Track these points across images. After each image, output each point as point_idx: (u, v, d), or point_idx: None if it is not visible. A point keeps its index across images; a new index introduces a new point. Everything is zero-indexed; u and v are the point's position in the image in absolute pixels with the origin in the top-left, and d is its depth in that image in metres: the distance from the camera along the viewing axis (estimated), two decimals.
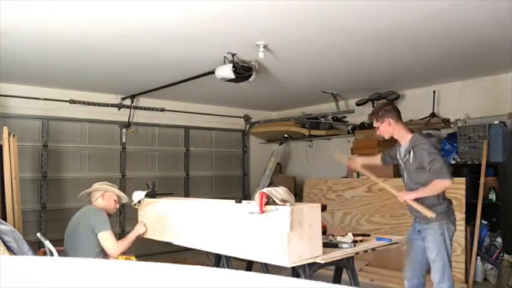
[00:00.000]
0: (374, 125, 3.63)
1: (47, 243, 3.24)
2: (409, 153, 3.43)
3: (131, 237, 3.72)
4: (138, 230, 3.82)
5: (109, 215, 3.69)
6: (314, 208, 2.77)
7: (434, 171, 3.26)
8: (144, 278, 0.92)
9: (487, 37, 4.12)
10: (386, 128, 3.50)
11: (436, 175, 3.25)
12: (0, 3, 3.11)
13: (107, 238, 3.49)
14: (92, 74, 5.46)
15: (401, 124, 3.53)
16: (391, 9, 3.38)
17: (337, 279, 3.74)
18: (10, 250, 2.85)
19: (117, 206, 3.84)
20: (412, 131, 3.54)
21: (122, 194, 3.86)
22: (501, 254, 5.02)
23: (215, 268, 1.47)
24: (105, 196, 3.74)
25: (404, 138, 3.49)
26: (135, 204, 3.98)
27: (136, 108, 6.95)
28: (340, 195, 6.39)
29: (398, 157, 3.62)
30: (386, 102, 3.83)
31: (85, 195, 3.82)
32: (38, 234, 3.34)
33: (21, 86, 5.90)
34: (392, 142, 3.73)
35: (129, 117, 6.87)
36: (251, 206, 2.85)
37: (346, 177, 6.66)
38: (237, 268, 1.34)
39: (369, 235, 3.80)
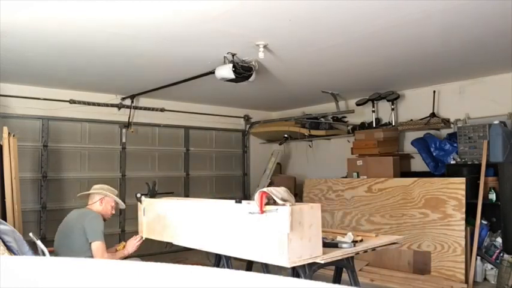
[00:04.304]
0: None
1: (39, 243, 3.24)
2: None
3: (119, 256, 3.66)
4: (128, 250, 3.72)
5: (104, 220, 3.67)
6: (314, 208, 2.76)
7: None
8: (144, 278, 0.92)
9: (487, 37, 4.12)
10: None
11: None
12: (0, 3, 3.11)
13: (97, 249, 3.42)
14: (92, 74, 5.46)
15: None
16: (391, 9, 3.38)
17: (337, 279, 3.74)
18: (10, 250, 2.85)
19: (113, 212, 3.80)
20: None
21: (120, 201, 3.83)
22: (501, 254, 5.02)
23: (215, 268, 1.47)
24: (103, 201, 3.70)
25: None
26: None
27: (136, 108, 6.95)
28: (340, 195, 6.39)
29: None
30: None
31: (83, 196, 3.79)
32: (30, 234, 3.33)
33: (21, 86, 5.90)
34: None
35: (129, 117, 6.87)
36: (251, 206, 2.85)
37: (346, 177, 6.66)
38: (237, 268, 1.34)
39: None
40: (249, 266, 3.86)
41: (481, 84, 5.84)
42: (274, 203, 2.71)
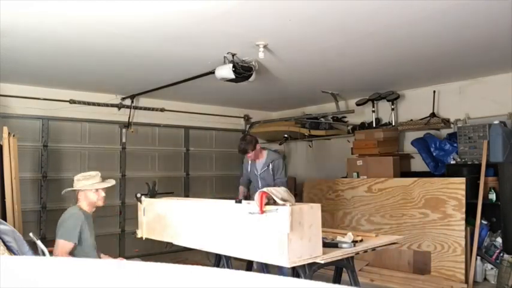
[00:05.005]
0: (248, 155, 4.80)
1: (39, 243, 3.24)
2: (268, 166, 4.79)
3: None
4: None
5: (98, 208, 3.60)
6: (314, 208, 2.76)
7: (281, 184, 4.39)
8: (144, 278, 0.92)
9: (487, 37, 4.12)
10: (257, 152, 4.81)
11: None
12: (0, 3, 3.11)
13: (55, 247, 3.33)
14: (92, 74, 5.46)
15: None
16: (391, 9, 3.38)
17: (337, 279, 3.74)
18: (10, 250, 2.85)
19: (103, 195, 3.54)
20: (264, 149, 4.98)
21: (100, 185, 3.53)
22: (501, 254, 5.02)
23: (215, 268, 1.47)
24: (81, 195, 3.52)
25: (262, 155, 4.88)
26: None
27: (136, 108, 6.95)
28: (340, 195, 6.39)
29: (252, 170, 4.92)
30: (250, 135, 5.52)
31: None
32: (30, 234, 3.33)
33: (21, 86, 5.90)
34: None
35: (129, 117, 6.87)
36: (251, 206, 2.85)
37: (346, 177, 6.66)
38: (237, 268, 1.34)
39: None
40: (249, 266, 3.86)
41: (481, 84, 5.84)
42: (274, 203, 2.71)
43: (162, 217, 3.71)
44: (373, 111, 6.82)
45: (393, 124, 6.56)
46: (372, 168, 6.24)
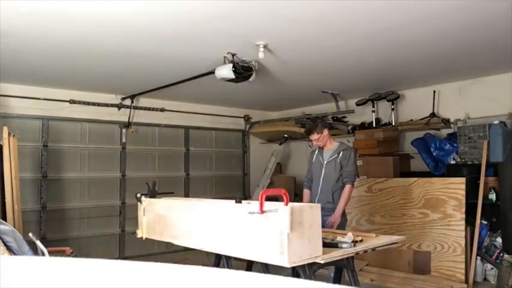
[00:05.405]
0: (313, 138, 4.33)
1: (38, 243, 3.24)
2: (338, 154, 4.29)
3: None
4: None
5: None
6: (314, 208, 2.76)
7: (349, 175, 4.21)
8: (144, 278, 0.92)
9: (487, 37, 4.12)
10: (325, 138, 4.34)
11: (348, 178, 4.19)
12: (0, 3, 3.11)
13: None
14: (92, 74, 5.46)
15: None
16: (391, 9, 3.38)
17: (337, 279, 3.74)
18: (10, 250, 2.85)
19: None
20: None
21: None
22: (501, 254, 5.02)
23: (215, 268, 1.47)
24: None
25: (332, 143, 4.41)
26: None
27: (136, 108, 6.95)
28: None
29: (318, 160, 4.46)
30: (320, 118, 5.05)
31: None
32: (30, 234, 3.33)
33: (21, 86, 5.90)
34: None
35: (129, 117, 6.87)
36: (251, 206, 2.85)
37: None
38: (237, 268, 1.34)
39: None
40: (249, 266, 3.86)
41: (481, 84, 5.84)
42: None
43: (162, 217, 3.71)
44: (373, 111, 6.82)
45: (393, 124, 6.56)
46: (372, 168, 6.24)
